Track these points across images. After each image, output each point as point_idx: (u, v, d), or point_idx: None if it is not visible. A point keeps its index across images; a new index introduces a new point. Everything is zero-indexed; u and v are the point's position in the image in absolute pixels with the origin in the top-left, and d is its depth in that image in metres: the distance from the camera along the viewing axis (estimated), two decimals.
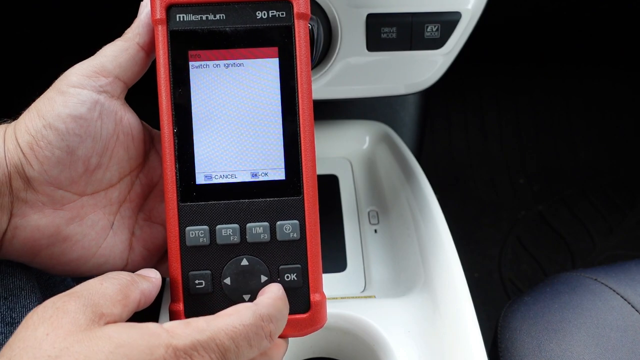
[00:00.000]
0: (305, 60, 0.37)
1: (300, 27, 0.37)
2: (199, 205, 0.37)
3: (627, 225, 1.21)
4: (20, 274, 0.39)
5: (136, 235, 0.40)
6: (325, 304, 0.38)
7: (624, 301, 0.54)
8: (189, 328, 0.30)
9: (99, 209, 0.38)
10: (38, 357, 0.28)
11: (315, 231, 0.38)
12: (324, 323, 0.38)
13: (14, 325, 0.37)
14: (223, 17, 0.37)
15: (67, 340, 0.28)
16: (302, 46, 0.37)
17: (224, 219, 0.37)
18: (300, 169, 0.37)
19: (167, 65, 0.37)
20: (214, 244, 0.37)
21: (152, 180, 0.41)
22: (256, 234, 0.37)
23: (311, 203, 0.38)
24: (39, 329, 0.29)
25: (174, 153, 0.37)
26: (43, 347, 0.28)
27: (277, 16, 0.37)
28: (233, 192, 0.37)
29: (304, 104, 0.37)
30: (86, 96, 0.36)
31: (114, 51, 0.37)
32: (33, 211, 0.36)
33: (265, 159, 0.37)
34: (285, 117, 0.37)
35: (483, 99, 1.38)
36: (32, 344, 0.28)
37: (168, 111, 0.37)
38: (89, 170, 0.37)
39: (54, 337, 0.28)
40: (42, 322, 0.29)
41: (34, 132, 0.35)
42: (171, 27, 0.37)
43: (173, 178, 0.37)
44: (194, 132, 0.37)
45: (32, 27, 1.04)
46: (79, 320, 0.29)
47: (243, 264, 0.37)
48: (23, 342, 0.29)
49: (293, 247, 0.37)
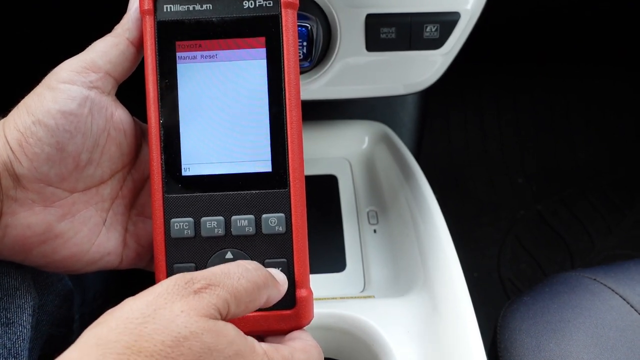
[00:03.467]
0: (293, 51, 0.37)
1: (287, 16, 0.37)
2: (184, 197, 0.37)
3: (626, 225, 1.21)
4: (15, 273, 0.39)
5: (130, 231, 0.40)
6: (312, 300, 0.38)
7: (623, 301, 0.54)
8: (279, 354, 0.33)
9: (91, 205, 0.38)
10: (170, 330, 0.29)
11: (302, 225, 0.37)
12: (310, 320, 0.38)
13: (9, 326, 0.37)
14: (210, 7, 0.37)
15: (198, 324, 0.29)
16: (290, 36, 0.37)
17: (209, 211, 0.37)
18: (287, 161, 0.37)
19: (154, 56, 0.37)
20: (198, 236, 0.37)
21: (143, 176, 0.41)
22: (241, 226, 0.37)
23: (298, 196, 0.37)
24: (176, 304, 0.30)
25: (159, 144, 0.37)
26: (176, 322, 0.29)
27: (264, 5, 0.37)
28: (219, 184, 0.37)
29: (291, 95, 0.37)
30: (76, 92, 0.35)
31: (104, 47, 0.37)
32: (23, 209, 0.36)
33: (252, 151, 0.37)
34: (272, 109, 0.37)
35: (482, 98, 1.38)
36: (168, 316, 0.29)
37: (155, 102, 0.37)
38: (79, 167, 0.37)
39: (187, 317, 0.29)
40: (180, 299, 0.30)
41: (23, 128, 0.35)
42: (158, 18, 0.37)
43: (159, 169, 0.37)
44: (180, 123, 0.37)
45: (32, 27, 1.04)
46: (210, 309, 0.31)
47: (227, 257, 0.37)
48: (161, 308, 0.30)
49: (278, 241, 0.37)
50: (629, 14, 1.29)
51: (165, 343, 0.28)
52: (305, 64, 0.51)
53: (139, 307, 0.30)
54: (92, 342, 0.28)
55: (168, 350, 0.28)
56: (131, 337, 0.28)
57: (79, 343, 0.28)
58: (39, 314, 0.42)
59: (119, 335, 0.28)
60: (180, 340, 0.29)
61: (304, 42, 0.49)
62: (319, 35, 0.50)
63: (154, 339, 0.28)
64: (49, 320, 0.44)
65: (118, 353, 0.28)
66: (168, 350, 0.28)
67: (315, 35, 0.49)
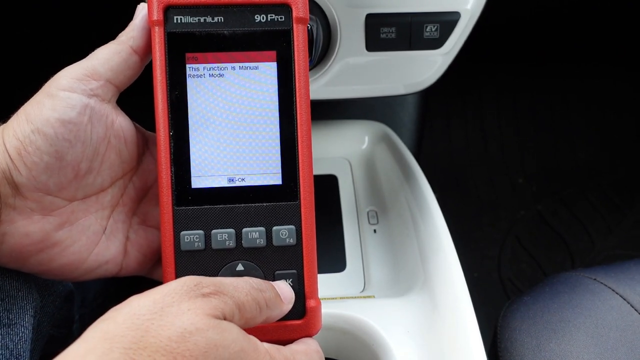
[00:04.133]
0: (304, 65, 0.37)
1: (299, 31, 0.37)
2: (195, 210, 0.37)
3: (626, 225, 1.21)
4: (17, 275, 0.38)
5: (131, 240, 0.40)
6: (320, 310, 0.38)
7: (623, 301, 0.54)
8: (281, 355, 0.34)
9: (91, 213, 0.38)
10: (176, 327, 0.29)
11: (311, 236, 0.37)
12: (318, 329, 0.38)
13: (11, 327, 0.37)
14: (221, 20, 0.36)
15: (203, 321, 0.30)
16: (301, 51, 0.37)
17: (219, 223, 0.37)
18: (297, 174, 0.37)
19: (163, 67, 0.36)
20: (209, 248, 0.37)
21: (146, 184, 0.40)
22: (252, 238, 0.37)
23: (308, 208, 0.37)
24: (184, 303, 0.30)
25: (169, 156, 0.37)
26: (183, 318, 0.30)
27: (276, 20, 0.37)
28: (229, 197, 0.37)
29: (302, 108, 0.37)
30: (76, 100, 0.35)
31: (106, 54, 0.36)
32: (21, 217, 0.35)
33: (262, 164, 0.37)
34: (283, 122, 0.37)
35: (483, 99, 1.38)
36: (175, 313, 0.30)
37: (164, 113, 0.36)
38: (79, 176, 0.36)
39: (193, 315, 0.30)
40: (188, 299, 0.31)
41: (22, 137, 0.34)
42: (168, 29, 0.36)
43: (168, 182, 0.37)
44: (190, 136, 0.37)
45: (32, 27, 1.04)
46: (217, 311, 0.31)
47: (238, 269, 0.37)
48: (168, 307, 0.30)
49: (289, 253, 0.37)
50: (629, 14, 1.29)
51: (172, 338, 0.29)
52: None
53: (146, 304, 0.30)
54: (99, 336, 0.28)
55: (174, 346, 0.28)
56: (138, 333, 0.28)
57: (86, 337, 0.28)
58: (40, 315, 0.42)
59: (126, 330, 0.28)
60: (186, 335, 0.29)
61: None
62: (319, 35, 0.50)
63: (160, 335, 0.28)
64: (50, 321, 0.44)
65: (125, 347, 0.28)
66: (174, 346, 0.28)
67: (315, 35, 0.49)
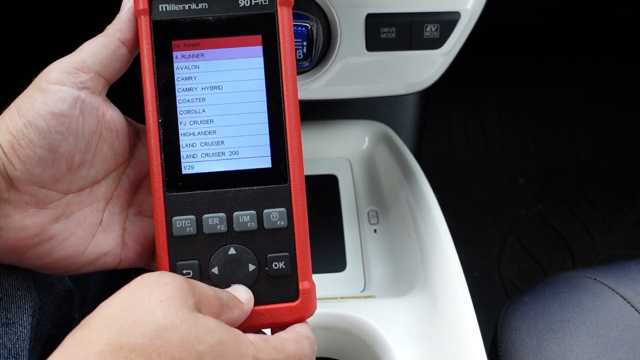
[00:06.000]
0: (290, 48, 0.37)
1: (283, 13, 0.37)
2: (185, 195, 0.37)
3: (627, 224, 1.21)
4: (15, 273, 0.39)
5: (128, 231, 0.40)
6: (315, 292, 0.38)
7: (624, 301, 0.54)
8: (268, 345, 0.33)
9: (86, 206, 0.38)
10: (149, 322, 0.29)
11: (303, 219, 0.37)
12: (313, 311, 0.38)
13: (9, 326, 0.37)
14: (205, 6, 0.37)
15: (177, 314, 0.29)
16: (286, 33, 0.37)
17: (210, 208, 0.37)
18: (287, 156, 0.37)
19: (150, 56, 0.37)
20: (200, 233, 0.37)
21: (140, 175, 0.41)
22: (243, 222, 0.37)
23: (298, 190, 0.37)
24: (155, 293, 0.30)
25: (159, 143, 0.37)
26: (156, 313, 0.29)
27: (260, 3, 0.37)
28: (219, 181, 0.37)
29: (289, 91, 0.37)
30: (66, 93, 0.35)
31: (94, 47, 0.37)
32: (16, 211, 0.35)
33: (251, 148, 0.37)
34: (270, 105, 0.37)
35: (483, 98, 1.38)
36: (147, 306, 0.29)
37: (152, 101, 0.37)
38: (72, 168, 0.37)
39: (166, 307, 0.29)
40: (158, 288, 0.30)
41: (14, 131, 0.35)
42: (154, 18, 0.37)
43: (159, 168, 0.37)
44: (179, 122, 0.37)
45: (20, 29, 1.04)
46: (189, 300, 0.31)
47: (230, 253, 0.37)
48: (139, 300, 0.29)
49: (280, 235, 0.37)
50: (629, 14, 1.29)
51: (146, 335, 0.28)
52: (305, 64, 0.51)
53: (116, 302, 0.30)
54: (74, 344, 0.28)
55: (148, 343, 0.28)
56: (112, 333, 0.28)
57: (62, 346, 0.28)
58: (40, 314, 0.42)
59: (100, 333, 0.28)
60: (159, 331, 0.29)
61: (304, 42, 0.49)
62: (319, 35, 0.50)
63: (134, 332, 0.28)
64: (49, 321, 0.44)
65: (100, 351, 0.27)
66: (148, 343, 0.28)
67: (315, 35, 0.49)
